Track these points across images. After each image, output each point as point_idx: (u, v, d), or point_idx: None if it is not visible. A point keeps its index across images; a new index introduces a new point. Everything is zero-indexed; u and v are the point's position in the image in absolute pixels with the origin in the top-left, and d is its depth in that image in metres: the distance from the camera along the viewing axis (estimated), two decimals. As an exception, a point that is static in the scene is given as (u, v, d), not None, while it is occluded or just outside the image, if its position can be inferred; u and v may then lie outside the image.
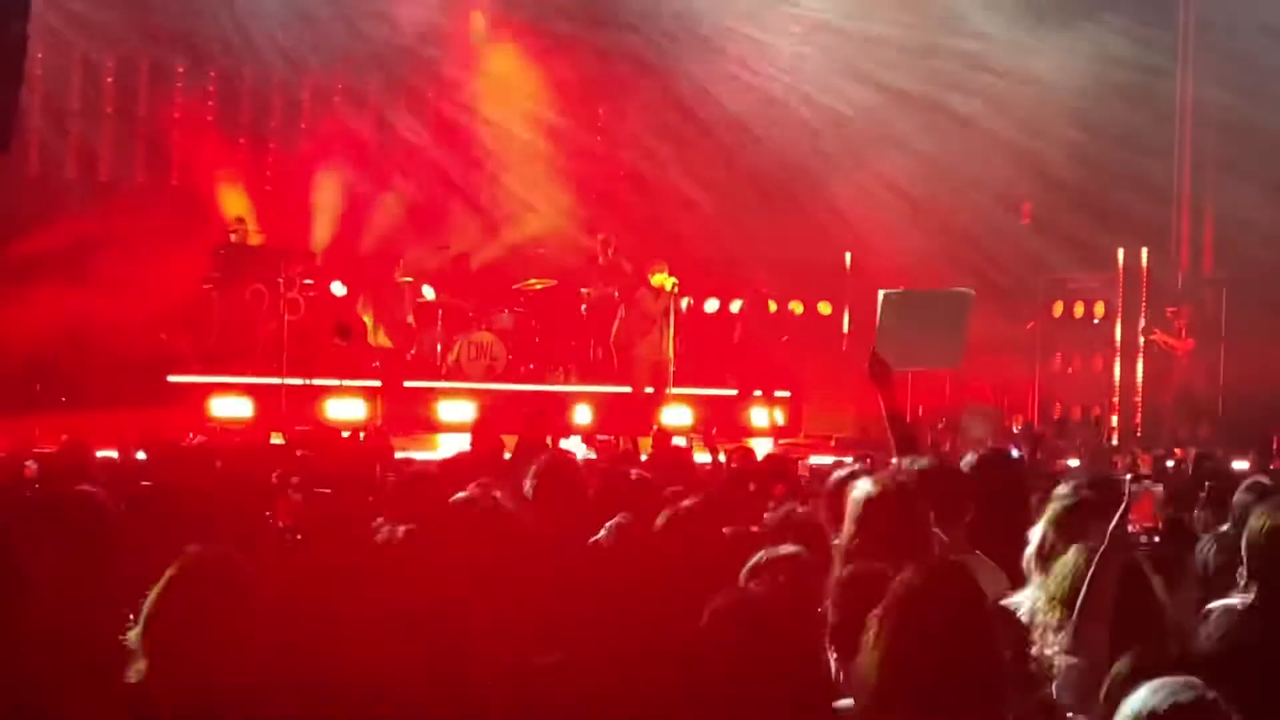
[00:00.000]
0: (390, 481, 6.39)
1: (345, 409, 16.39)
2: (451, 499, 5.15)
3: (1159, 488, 4.99)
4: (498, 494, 4.82)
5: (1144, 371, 18.94)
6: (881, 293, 6.94)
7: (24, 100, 15.23)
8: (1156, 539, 4.72)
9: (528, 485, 5.78)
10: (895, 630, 3.53)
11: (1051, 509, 4.96)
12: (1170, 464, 11.97)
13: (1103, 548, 4.16)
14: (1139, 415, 18.60)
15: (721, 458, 11.11)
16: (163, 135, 19.06)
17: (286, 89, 19.70)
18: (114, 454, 10.93)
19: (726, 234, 19.82)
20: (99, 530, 3.85)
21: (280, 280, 17.41)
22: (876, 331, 6.33)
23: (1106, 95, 19.38)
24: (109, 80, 18.68)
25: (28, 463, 8.25)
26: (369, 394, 16.75)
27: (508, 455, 8.57)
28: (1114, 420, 18.31)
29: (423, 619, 4.04)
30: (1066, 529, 4.77)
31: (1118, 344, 19.17)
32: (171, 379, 16.65)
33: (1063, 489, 5.12)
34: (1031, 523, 4.99)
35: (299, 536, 4.99)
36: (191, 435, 13.48)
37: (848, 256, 20.03)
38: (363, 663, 3.94)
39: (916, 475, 5.22)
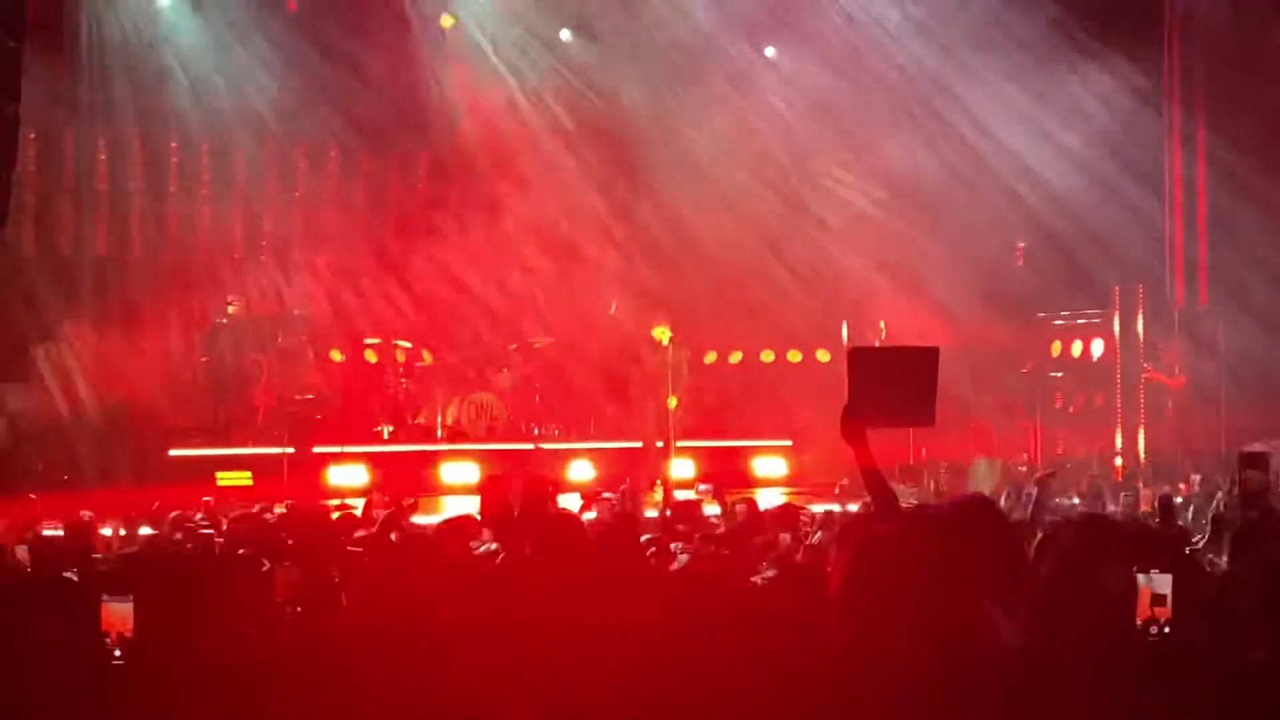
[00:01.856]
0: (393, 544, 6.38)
1: (348, 475, 16.38)
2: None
3: None
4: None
5: (1145, 408, 18.91)
6: (848, 349, 6.97)
7: (16, 179, 15.31)
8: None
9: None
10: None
11: None
12: (1178, 500, 11.92)
13: None
14: (1142, 452, 18.54)
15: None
16: (157, 210, 19.09)
17: (280, 155, 19.75)
18: (117, 530, 10.94)
19: (723, 285, 19.83)
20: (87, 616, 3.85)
21: (277, 350, 17.50)
22: (849, 389, 6.33)
23: (1096, 131, 19.45)
24: (101, 158, 18.73)
25: (19, 549, 8.20)
26: (371, 460, 16.76)
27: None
28: (1117, 459, 18.25)
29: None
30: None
31: (1118, 381, 19.15)
32: (174, 453, 16.66)
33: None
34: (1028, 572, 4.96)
35: (298, 609, 4.98)
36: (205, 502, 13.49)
37: (844, 327, 20.05)
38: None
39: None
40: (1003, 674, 4.12)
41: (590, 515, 11.58)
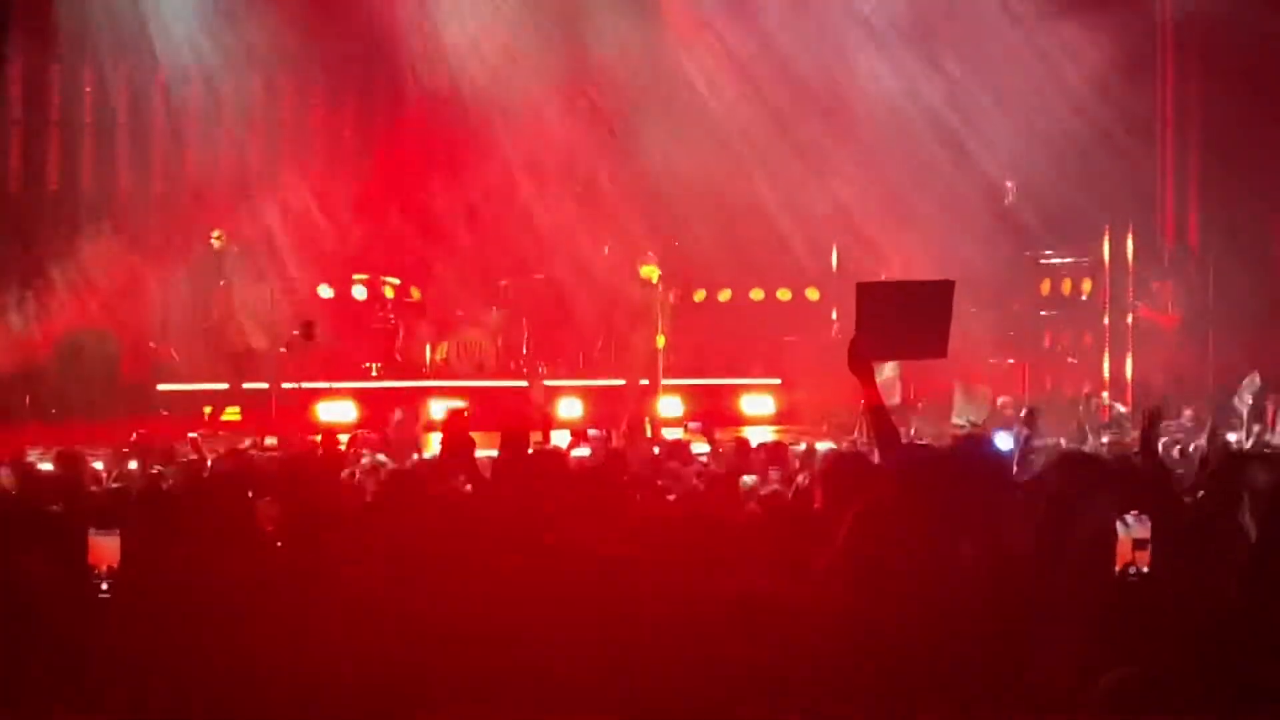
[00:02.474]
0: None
1: (336, 411, 16.38)
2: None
3: None
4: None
5: (1134, 347, 18.93)
6: (858, 284, 6.97)
7: (4, 115, 15.26)
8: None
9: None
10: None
11: None
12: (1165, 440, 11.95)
13: None
14: (1129, 392, 18.57)
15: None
16: (143, 143, 18.97)
17: (267, 89, 19.62)
18: (108, 464, 10.95)
19: (711, 223, 19.76)
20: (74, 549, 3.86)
21: (266, 285, 17.45)
22: (856, 323, 6.33)
23: (1089, 69, 19.36)
24: (88, 90, 18.59)
25: (3, 471, 8.23)
26: (358, 396, 16.75)
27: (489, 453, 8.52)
28: (1104, 397, 18.28)
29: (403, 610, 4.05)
30: None
31: (1106, 321, 19.15)
32: (161, 388, 16.65)
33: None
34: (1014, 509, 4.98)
35: (279, 544, 4.99)
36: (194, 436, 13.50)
37: (834, 251, 20.00)
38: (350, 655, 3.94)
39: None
40: (991, 612, 4.15)
41: (580, 452, 11.59)
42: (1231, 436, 13.28)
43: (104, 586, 4.44)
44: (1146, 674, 3.53)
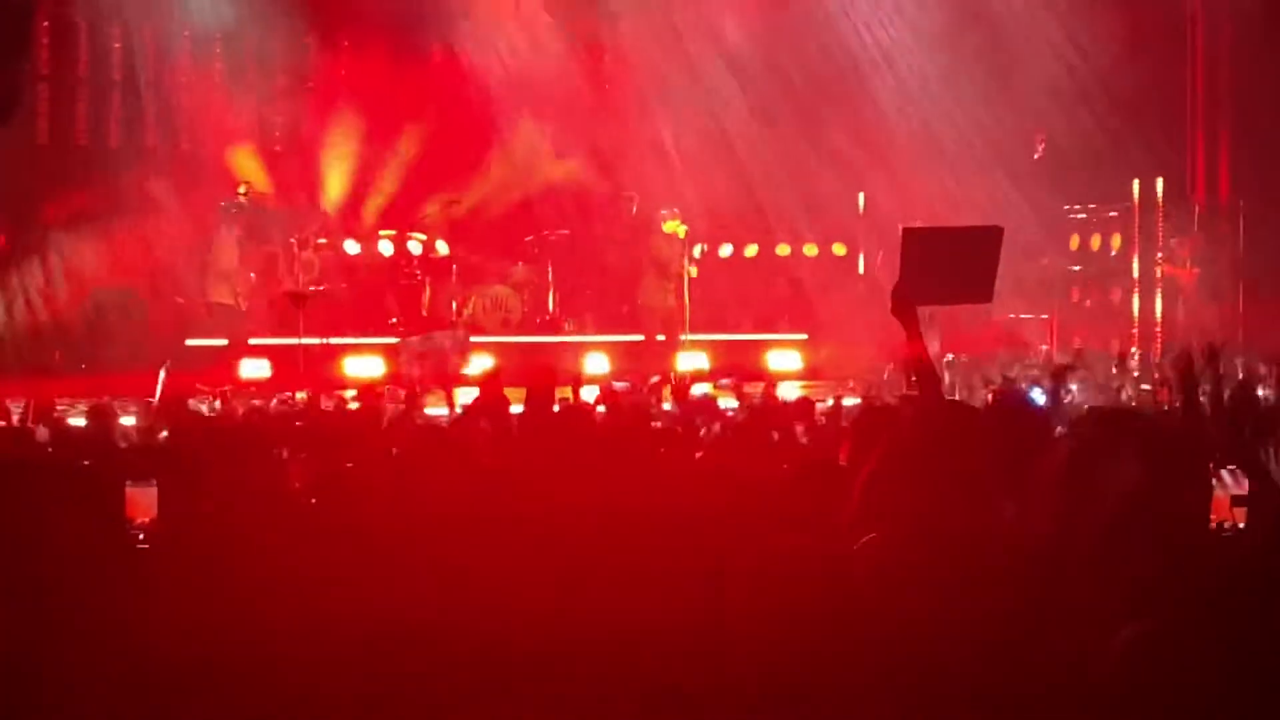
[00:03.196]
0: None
1: (364, 366, 16.42)
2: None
3: None
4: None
5: (1163, 303, 18.87)
6: (903, 228, 6.91)
7: (31, 70, 15.28)
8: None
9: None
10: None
11: None
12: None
13: None
14: (1159, 348, 18.51)
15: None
16: (170, 99, 18.96)
17: (291, 44, 19.58)
18: (132, 420, 11.01)
19: (739, 178, 19.70)
20: (107, 502, 3.90)
21: (294, 241, 17.47)
22: (900, 268, 6.28)
23: (1120, 22, 19.20)
24: (116, 46, 18.59)
25: (39, 428, 8.29)
26: (387, 351, 16.78)
27: (517, 409, 8.57)
28: (1133, 353, 18.23)
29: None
30: None
31: (1135, 276, 19.07)
32: (190, 342, 16.70)
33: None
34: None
35: (313, 500, 5.03)
36: (218, 391, 13.59)
37: (861, 197, 19.92)
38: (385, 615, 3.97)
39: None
40: (1019, 572, 4.15)
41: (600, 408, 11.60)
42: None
43: (141, 538, 4.50)
44: (1164, 629, 3.53)
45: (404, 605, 4.06)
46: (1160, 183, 19.08)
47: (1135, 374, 16.65)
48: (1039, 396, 11.21)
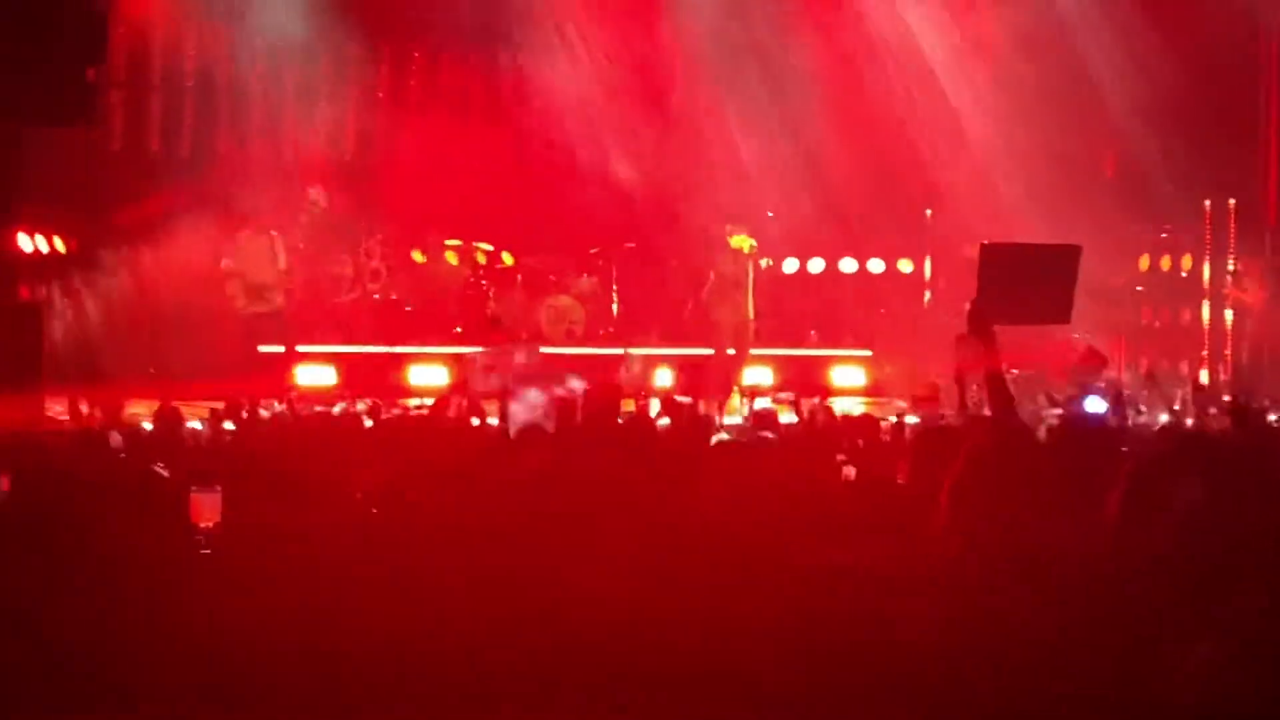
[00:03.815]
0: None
1: (428, 375, 16.51)
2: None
3: None
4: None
5: (1233, 326, 18.65)
6: (981, 245, 6.85)
7: (106, 75, 15.45)
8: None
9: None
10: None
11: None
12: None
13: None
14: (1228, 369, 18.30)
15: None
16: (242, 107, 19.13)
17: (362, 54, 19.71)
18: (199, 425, 11.11)
19: (806, 193, 19.65)
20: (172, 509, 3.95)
21: (362, 249, 17.61)
22: (978, 285, 6.22)
23: (1194, 42, 19.00)
24: (189, 54, 18.77)
25: (112, 434, 8.39)
26: (450, 361, 16.85)
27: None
28: (1202, 375, 18.02)
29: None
30: None
31: (1205, 296, 18.87)
32: (262, 349, 16.84)
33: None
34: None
35: (374, 510, 5.05)
36: (285, 395, 13.69)
37: (928, 213, 19.82)
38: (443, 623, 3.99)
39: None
40: (1092, 589, 4.12)
41: (665, 421, 11.59)
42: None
43: (205, 544, 4.54)
44: (1238, 648, 3.49)
45: (464, 614, 4.08)
46: (1232, 203, 18.87)
47: (1204, 395, 16.46)
48: (1097, 404, 11.12)
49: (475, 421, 10.33)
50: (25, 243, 15.91)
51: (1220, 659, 3.41)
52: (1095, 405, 10.96)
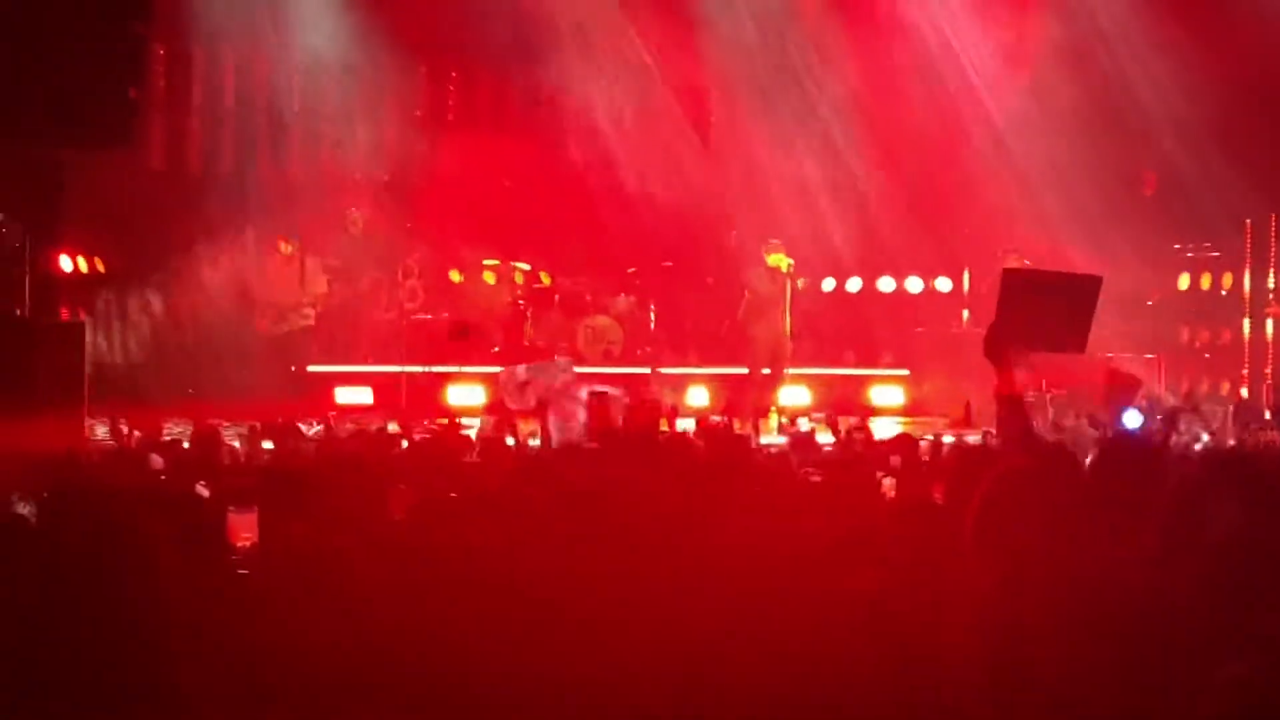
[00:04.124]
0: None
1: (466, 395, 16.54)
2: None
3: None
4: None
5: (1274, 345, 18.49)
6: (1003, 269, 6.85)
7: (147, 97, 15.55)
8: None
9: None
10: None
11: None
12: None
13: None
14: (1270, 385, 18.13)
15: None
16: (282, 128, 19.21)
17: (402, 74, 19.78)
18: (245, 442, 11.16)
19: (843, 212, 19.61)
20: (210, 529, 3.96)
21: (400, 269, 17.67)
22: (997, 310, 6.22)
23: (1232, 57, 18.89)
24: (229, 74, 18.87)
25: (152, 456, 8.43)
26: (489, 381, 16.88)
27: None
28: (1243, 391, 17.88)
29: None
30: None
31: (1246, 314, 18.73)
32: (311, 369, 16.91)
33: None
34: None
35: (412, 529, 5.05)
36: (326, 417, 13.76)
37: (966, 231, 19.77)
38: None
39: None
40: (1133, 617, 4.08)
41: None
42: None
43: (241, 563, 4.55)
44: (1269, 669, 3.45)
45: (503, 635, 4.07)
46: (1274, 219, 18.72)
47: (1245, 410, 16.33)
48: (1134, 418, 11.03)
49: (510, 441, 10.31)
50: (66, 263, 16.03)
51: (1251, 678, 3.38)
52: (1132, 420, 10.89)
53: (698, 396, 17.10)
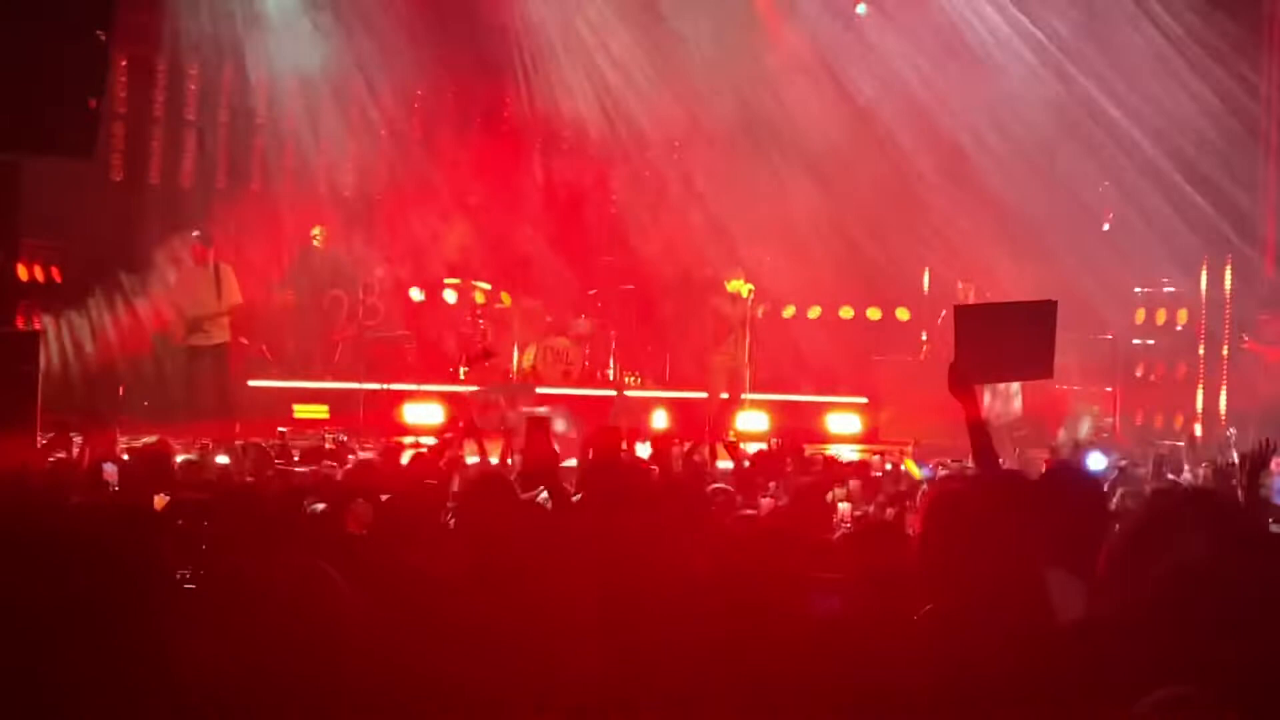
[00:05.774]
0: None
1: (423, 413, 16.48)
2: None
3: None
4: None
5: (1228, 381, 18.64)
6: (955, 306, 6.90)
7: (107, 108, 15.45)
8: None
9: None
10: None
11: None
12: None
13: None
14: (1221, 426, 18.27)
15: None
16: (243, 141, 19.12)
17: (365, 94, 19.74)
18: (194, 456, 11.10)
19: (803, 241, 19.67)
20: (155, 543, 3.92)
21: (360, 286, 17.62)
22: (955, 345, 6.26)
23: (1190, 97, 19.09)
24: (192, 88, 18.77)
25: (106, 467, 8.37)
26: (447, 399, 16.83)
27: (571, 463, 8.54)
28: (1197, 429, 18.01)
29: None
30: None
31: (1201, 352, 18.88)
32: (252, 384, 16.81)
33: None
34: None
35: (368, 546, 5.02)
36: (279, 432, 13.68)
37: (926, 273, 19.89)
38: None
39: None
40: (1073, 644, 4.10)
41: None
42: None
43: (188, 577, 4.51)
44: (1195, 695, 3.47)
45: (457, 659, 4.05)
46: (1229, 260, 18.90)
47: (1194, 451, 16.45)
48: (1098, 461, 11.10)
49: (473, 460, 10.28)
50: (22, 272, 15.88)
51: (1189, 698, 3.40)
52: (1096, 462, 10.94)
53: (658, 420, 17.09)
